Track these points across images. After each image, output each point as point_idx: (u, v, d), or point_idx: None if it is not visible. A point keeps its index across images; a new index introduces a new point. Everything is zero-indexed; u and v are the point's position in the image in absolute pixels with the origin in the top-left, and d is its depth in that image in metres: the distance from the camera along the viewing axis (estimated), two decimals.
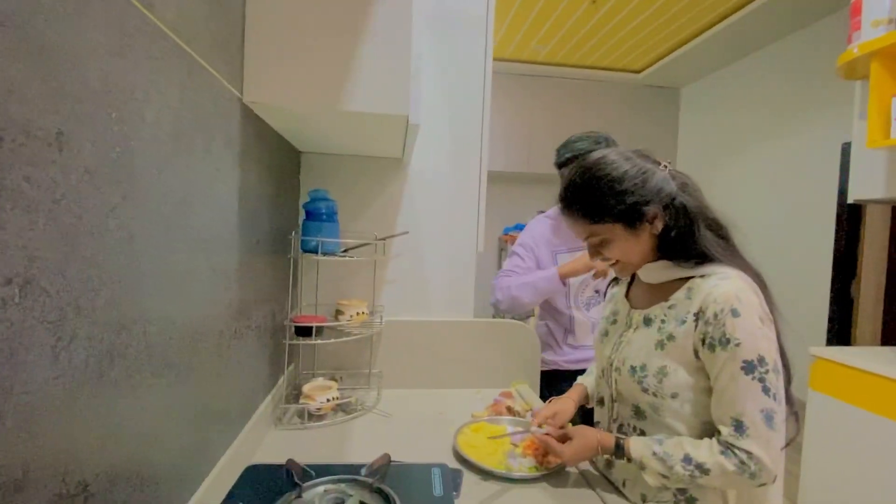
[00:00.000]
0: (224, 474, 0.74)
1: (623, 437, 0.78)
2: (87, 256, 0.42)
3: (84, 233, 0.42)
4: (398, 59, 0.85)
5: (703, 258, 0.76)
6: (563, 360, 1.47)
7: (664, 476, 0.72)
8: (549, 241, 1.44)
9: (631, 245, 0.78)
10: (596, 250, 0.81)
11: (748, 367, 0.68)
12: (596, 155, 0.78)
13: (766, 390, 0.67)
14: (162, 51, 0.54)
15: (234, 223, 0.81)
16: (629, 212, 0.75)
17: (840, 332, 2.94)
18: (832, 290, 2.98)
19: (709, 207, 0.78)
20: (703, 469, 0.69)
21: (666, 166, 0.78)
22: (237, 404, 0.86)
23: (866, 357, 1.87)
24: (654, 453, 0.73)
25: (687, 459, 0.70)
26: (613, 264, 0.82)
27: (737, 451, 0.67)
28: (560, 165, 1.41)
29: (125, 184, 0.48)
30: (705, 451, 0.70)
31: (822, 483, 1.96)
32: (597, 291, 1.42)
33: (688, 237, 0.75)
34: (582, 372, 1.36)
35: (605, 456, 0.81)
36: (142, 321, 0.51)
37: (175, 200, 0.58)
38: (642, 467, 0.74)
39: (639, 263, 0.81)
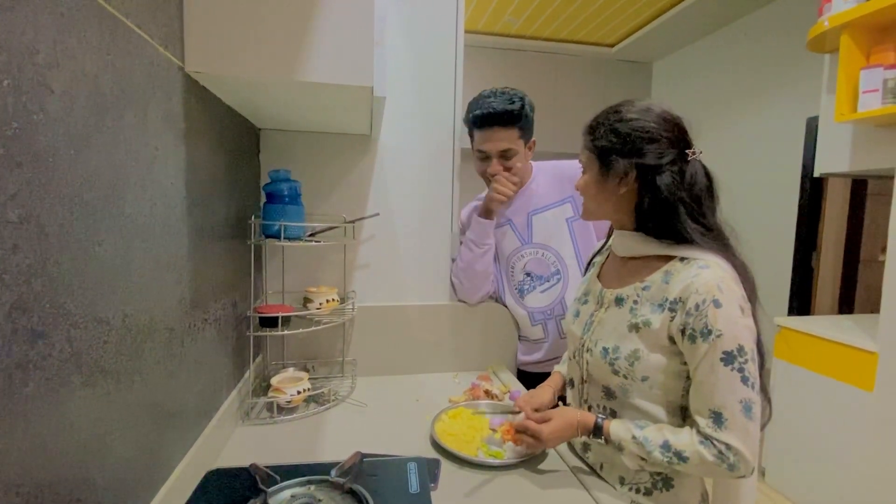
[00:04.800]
0: (182, 482, 0.68)
1: (603, 417, 0.77)
2: None
3: None
4: (360, 23, 0.77)
5: (679, 240, 0.74)
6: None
7: (642, 459, 0.72)
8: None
9: (595, 189, 0.80)
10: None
11: (728, 358, 0.66)
12: (649, 102, 0.78)
13: (744, 380, 0.66)
14: (71, 6, 0.45)
15: (182, 209, 0.73)
16: (604, 153, 0.76)
17: (801, 301, 3.06)
18: (794, 261, 3.09)
19: (702, 202, 0.73)
20: (681, 456, 0.68)
21: (694, 152, 0.74)
22: (196, 404, 0.80)
23: (827, 326, 1.95)
24: (634, 437, 0.72)
25: (666, 446, 0.69)
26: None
27: (716, 442, 0.67)
28: (471, 122, 1.23)
29: (28, 166, 0.40)
30: (685, 438, 0.69)
31: (785, 445, 2.06)
32: (528, 275, 1.32)
33: (662, 216, 0.73)
34: (536, 375, 1.34)
35: (583, 438, 0.80)
36: (63, 326, 0.44)
37: (100, 184, 0.51)
38: (620, 449, 0.73)
39: (596, 213, 0.83)
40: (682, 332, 0.69)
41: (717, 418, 0.67)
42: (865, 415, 1.70)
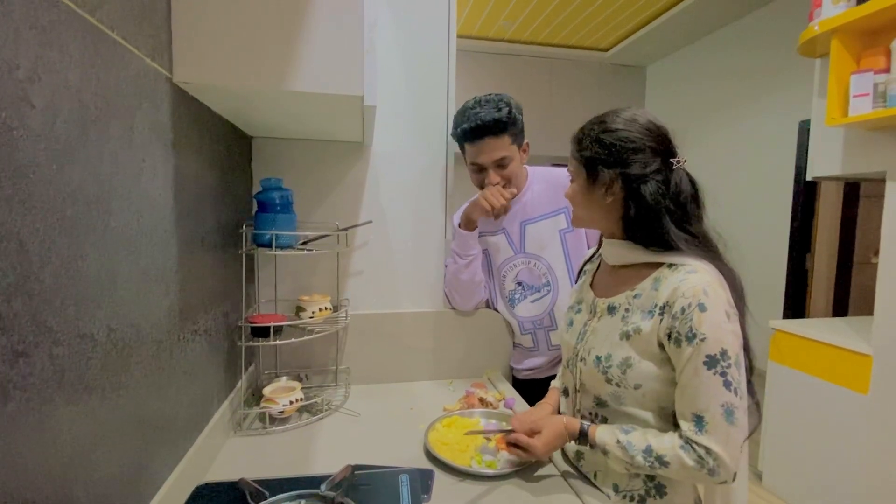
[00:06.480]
0: (171, 497, 0.67)
1: (588, 423, 0.78)
2: None
3: None
4: (349, 30, 0.77)
5: (666, 247, 0.74)
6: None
7: (628, 463, 0.72)
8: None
9: (583, 199, 0.80)
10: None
11: (711, 362, 0.66)
12: (634, 111, 0.77)
13: (727, 385, 0.66)
14: (52, 20, 0.45)
15: (170, 220, 0.72)
16: (590, 163, 0.77)
17: (795, 303, 3.08)
18: (788, 264, 3.10)
19: (687, 209, 0.74)
20: (662, 461, 0.69)
21: (679, 161, 0.74)
22: (186, 416, 0.79)
23: (821, 328, 1.95)
24: (618, 441, 0.72)
25: (648, 451, 0.70)
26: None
27: (696, 446, 0.67)
28: (461, 136, 1.19)
29: (7, 182, 0.39)
30: (667, 443, 0.69)
31: (781, 448, 2.06)
32: (519, 284, 1.30)
33: (648, 224, 0.74)
34: (526, 382, 1.34)
35: (576, 447, 0.79)
36: (45, 344, 0.44)
37: (84, 198, 0.50)
38: (605, 453, 0.74)
39: (585, 221, 0.84)
40: (669, 335, 0.70)
41: (699, 422, 0.67)
42: (860, 417, 1.70)
